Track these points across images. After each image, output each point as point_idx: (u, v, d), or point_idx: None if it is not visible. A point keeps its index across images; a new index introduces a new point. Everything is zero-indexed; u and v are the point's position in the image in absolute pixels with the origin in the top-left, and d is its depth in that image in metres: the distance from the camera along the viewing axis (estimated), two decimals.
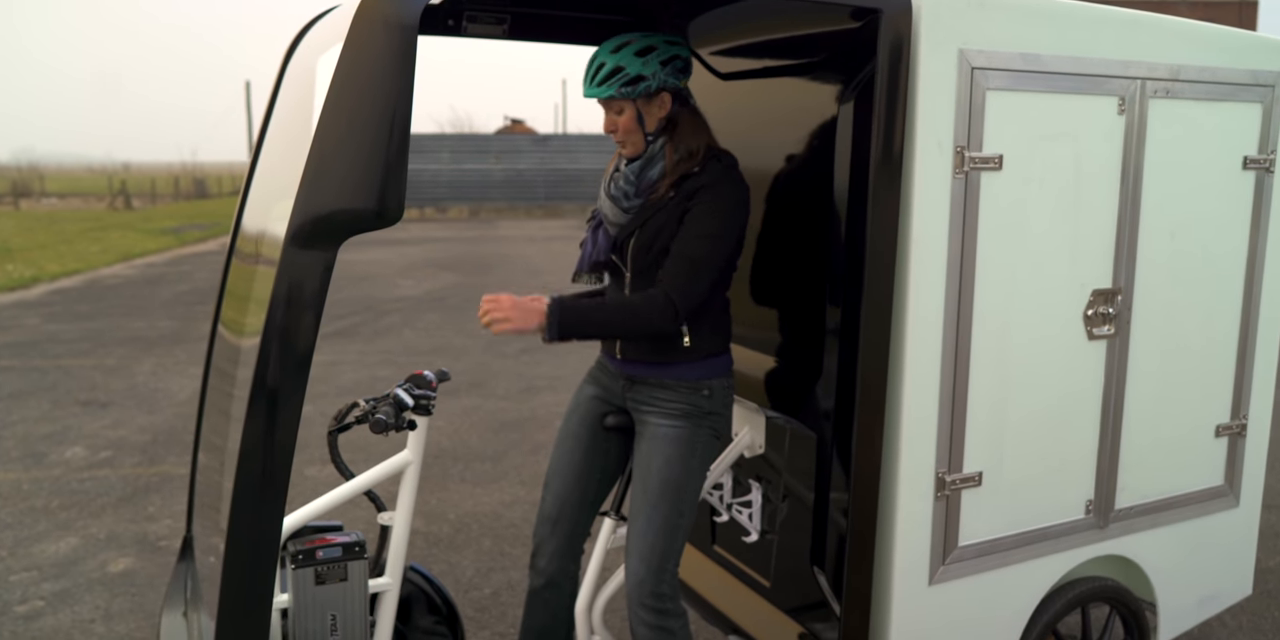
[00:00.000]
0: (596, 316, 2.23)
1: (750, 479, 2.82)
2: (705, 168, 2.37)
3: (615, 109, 2.36)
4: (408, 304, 11.05)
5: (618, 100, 2.35)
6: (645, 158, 2.40)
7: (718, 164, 2.38)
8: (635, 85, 2.31)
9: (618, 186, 2.43)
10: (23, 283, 12.85)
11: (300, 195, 1.75)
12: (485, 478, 5.18)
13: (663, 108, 2.38)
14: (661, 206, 2.37)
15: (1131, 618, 2.84)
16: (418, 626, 2.74)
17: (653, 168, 2.39)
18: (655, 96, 2.36)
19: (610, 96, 2.32)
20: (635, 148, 2.39)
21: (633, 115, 2.35)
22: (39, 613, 3.67)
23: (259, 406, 1.77)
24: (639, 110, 2.35)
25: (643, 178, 2.40)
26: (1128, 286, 2.56)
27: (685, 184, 2.36)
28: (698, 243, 2.28)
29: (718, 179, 2.35)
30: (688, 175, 2.37)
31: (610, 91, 2.31)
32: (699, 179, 2.35)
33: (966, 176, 2.24)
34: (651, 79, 2.31)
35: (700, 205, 2.31)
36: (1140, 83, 2.45)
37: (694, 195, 2.33)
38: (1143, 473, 2.74)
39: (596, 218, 2.52)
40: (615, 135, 2.40)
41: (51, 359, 8.15)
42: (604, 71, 2.31)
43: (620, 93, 2.31)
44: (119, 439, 5.88)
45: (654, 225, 2.37)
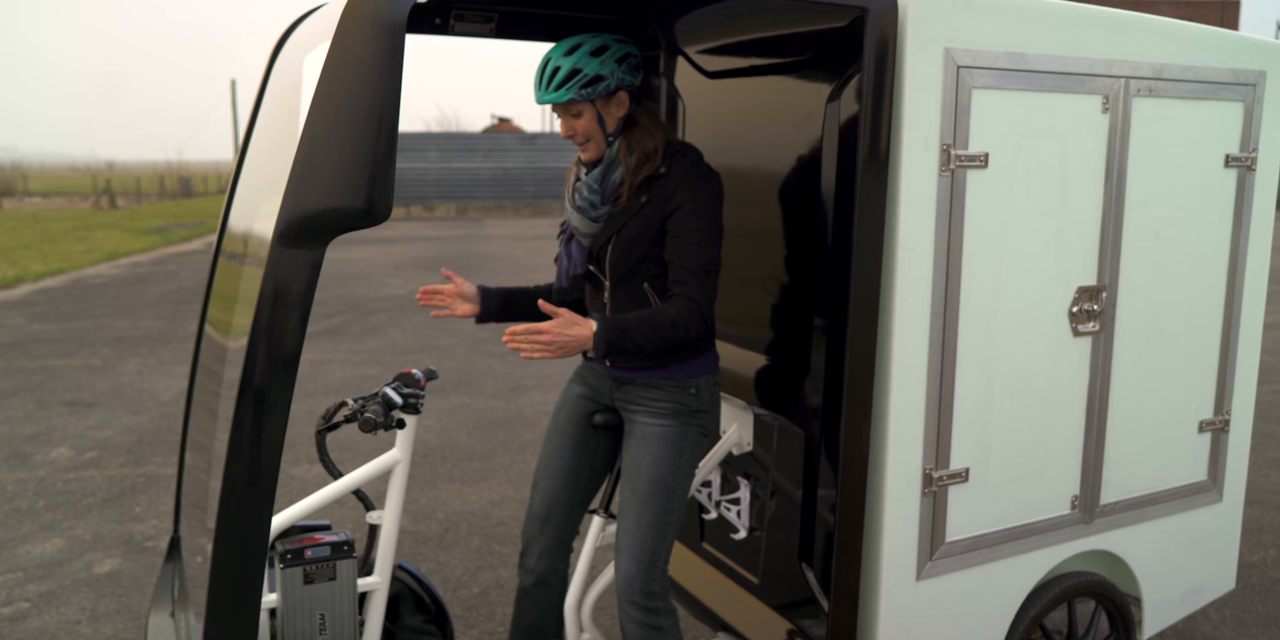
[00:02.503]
0: (641, 330, 2.19)
1: (739, 476, 2.83)
2: (671, 166, 2.35)
3: (574, 112, 2.33)
4: (395, 303, 11.02)
5: (576, 103, 2.32)
6: (606, 162, 2.37)
7: (683, 160, 2.36)
8: (595, 86, 2.29)
9: (582, 197, 2.40)
10: (6, 283, 12.77)
11: (288, 194, 1.74)
12: (473, 476, 5.17)
13: (621, 107, 2.36)
14: (635, 211, 2.35)
15: (1117, 612, 2.87)
16: (406, 625, 2.74)
17: (614, 172, 2.37)
18: (614, 96, 2.34)
19: (571, 99, 2.29)
20: (597, 149, 2.37)
21: (592, 116, 2.34)
22: (24, 614, 3.65)
23: (246, 406, 1.76)
24: (599, 111, 2.34)
25: (606, 183, 2.38)
26: (1112, 283, 2.58)
27: (654, 186, 2.34)
28: (697, 251, 2.28)
29: (688, 177, 2.33)
30: (654, 177, 2.35)
31: (570, 94, 2.28)
32: (669, 181, 2.33)
33: (953, 174, 2.25)
34: (610, 78, 2.30)
35: (683, 211, 2.29)
36: (1124, 81, 2.47)
37: (670, 199, 2.31)
38: (1127, 468, 2.77)
39: (567, 230, 2.51)
40: (575, 139, 2.37)
41: (36, 359, 8.11)
42: (560, 74, 2.28)
43: (580, 95, 2.28)
44: (104, 439, 5.85)
45: (630, 232, 2.35)
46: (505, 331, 2.08)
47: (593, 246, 2.42)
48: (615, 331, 2.16)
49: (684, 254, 2.28)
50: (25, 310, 10.70)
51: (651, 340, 2.21)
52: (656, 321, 2.21)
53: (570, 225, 2.47)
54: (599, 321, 2.16)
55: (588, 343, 2.13)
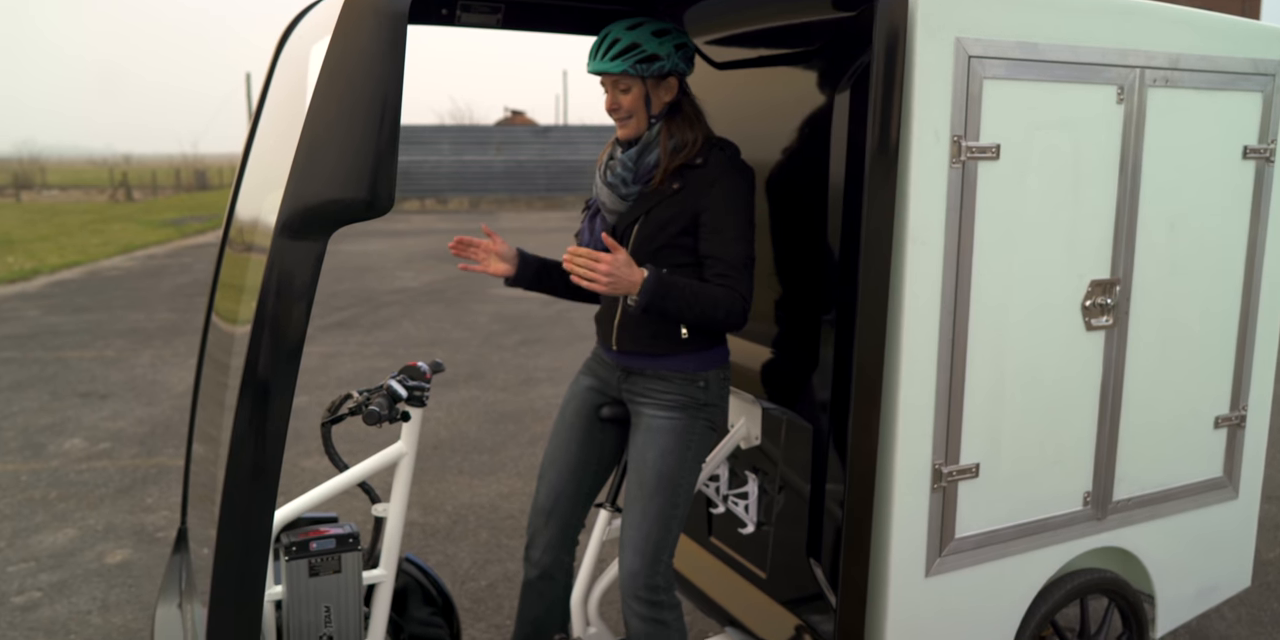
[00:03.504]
0: (686, 297, 2.21)
1: (747, 471, 2.81)
2: (708, 159, 2.34)
3: (623, 86, 2.33)
4: (407, 296, 11.03)
5: (628, 77, 2.31)
6: (643, 143, 2.37)
7: (721, 154, 2.36)
8: (650, 64, 2.29)
9: (615, 173, 2.40)
10: (23, 275, 12.84)
11: (290, 185, 1.73)
12: (483, 469, 5.17)
13: (669, 92, 2.36)
14: (665, 196, 2.34)
15: (1129, 610, 2.84)
16: (414, 618, 2.73)
17: (650, 153, 2.37)
18: (664, 79, 2.34)
19: (624, 71, 2.29)
20: (637, 128, 2.36)
21: (640, 95, 2.33)
22: (36, 604, 3.67)
23: (249, 397, 1.75)
24: (647, 91, 2.33)
25: (640, 163, 2.37)
26: (1126, 277, 2.55)
27: (689, 176, 2.34)
28: (736, 245, 2.29)
29: (726, 172, 2.33)
30: (690, 166, 2.34)
31: (624, 66, 2.28)
32: (706, 173, 2.33)
33: (963, 166, 2.22)
34: (665, 60, 2.30)
35: (721, 206, 2.30)
36: (1139, 71, 2.43)
37: (707, 192, 2.31)
38: (1141, 464, 2.73)
39: (594, 206, 2.50)
40: (618, 114, 2.36)
41: (51, 351, 8.15)
42: (619, 46, 2.28)
43: (635, 69, 2.28)
44: (117, 431, 5.88)
45: (659, 217, 2.34)
46: (567, 250, 2.14)
47: (618, 225, 2.42)
48: (662, 287, 2.18)
49: (723, 249, 2.29)
50: (41, 302, 10.76)
51: (692, 309, 2.23)
52: (702, 294, 2.23)
53: (597, 200, 2.46)
54: (650, 272, 2.18)
55: (635, 289, 2.17)
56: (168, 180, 37.00)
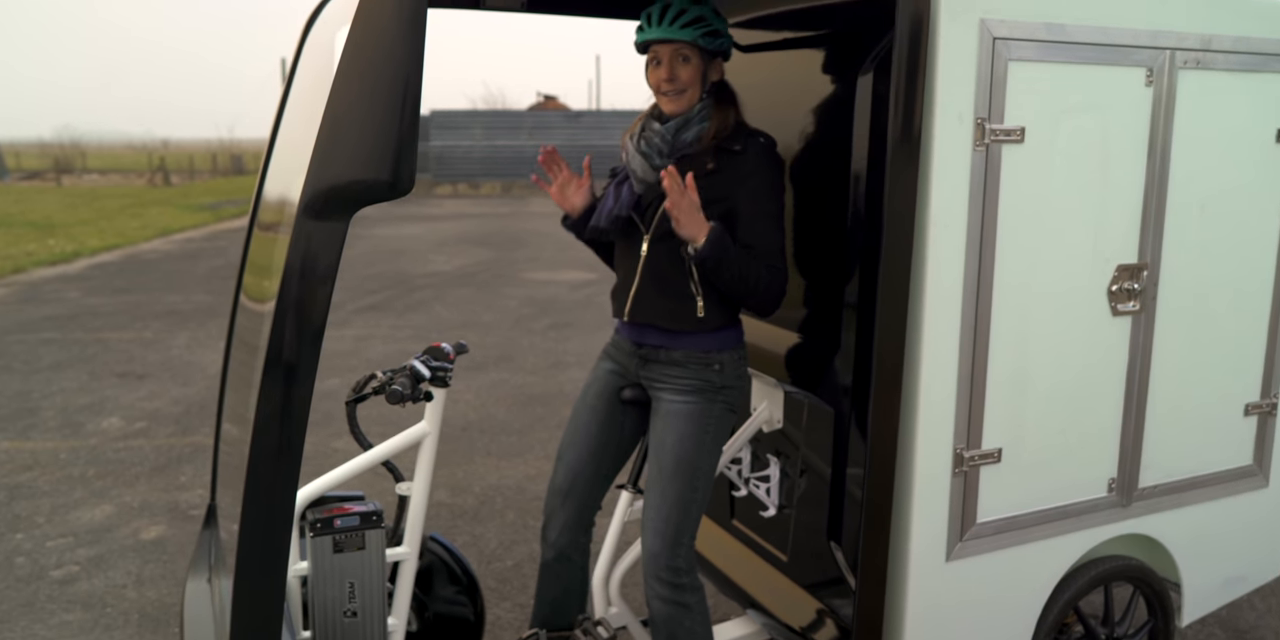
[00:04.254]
0: (739, 261, 2.24)
1: (769, 454, 2.82)
2: (746, 147, 2.34)
3: (682, 56, 2.31)
4: (439, 279, 11.11)
5: (688, 47, 2.30)
6: (683, 118, 2.36)
7: (758, 143, 2.36)
8: (714, 38, 2.29)
9: (650, 143, 2.38)
10: (64, 257, 13.06)
11: (312, 166, 1.75)
12: (510, 451, 5.22)
13: (717, 72, 2.36)
14: (699, 176, 2.30)
15: (1155, 598, 2.82)
16: (439, 596, 2.77)
17: (689, 130, 2.36)
18: (715, 58, 2.34)
19: (688, 41, 2.27)
20: (686, 104, 2.35)
21: (698, 69, 2.32)
22: (74, 577, 3.76)
23: (273, 376, 1.78)
24: (704, 66, 2.33)
25: (678, 138, 2.36)
26: (1154, 262, 2.52)
27: (726, 160, 2.33)
28: (774, 234, 2.32)
29: (763, 164, 2.34)
30: (728, 151, 2.34)
31: (694, 35, 2.27)
32: (745, 161, 2.32)
33: (987, 149, 2.20)
34: (724, 37, 2.30)
35: (759, 195, 2.31)
36: (1169, 53, 2.39)
37: (745, 180, 2.31)
38: (1168, 451, 2.71)
39: (621, 173, 2.49)
40: (673, 85, 2.32)
41: (91, 332, 8.29)
42: (687, 16, 2.26)
43: (701, 41, 2.28)
44: (154, 410, 5.98)
45: None
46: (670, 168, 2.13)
47: (646, 195, 2.41)
48: (725, 240, 2.22)
49: (762, 238, 2.31)
50: (82, 284, 10.95)
51: (742, 277, 2.25)
52: (753, 265, 2.27)
53: (628, 167, 2.45)
54: (714, 226, 2.21)
55: (698, 234, 2.19)
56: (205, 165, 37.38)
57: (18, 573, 3.80)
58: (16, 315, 9.02)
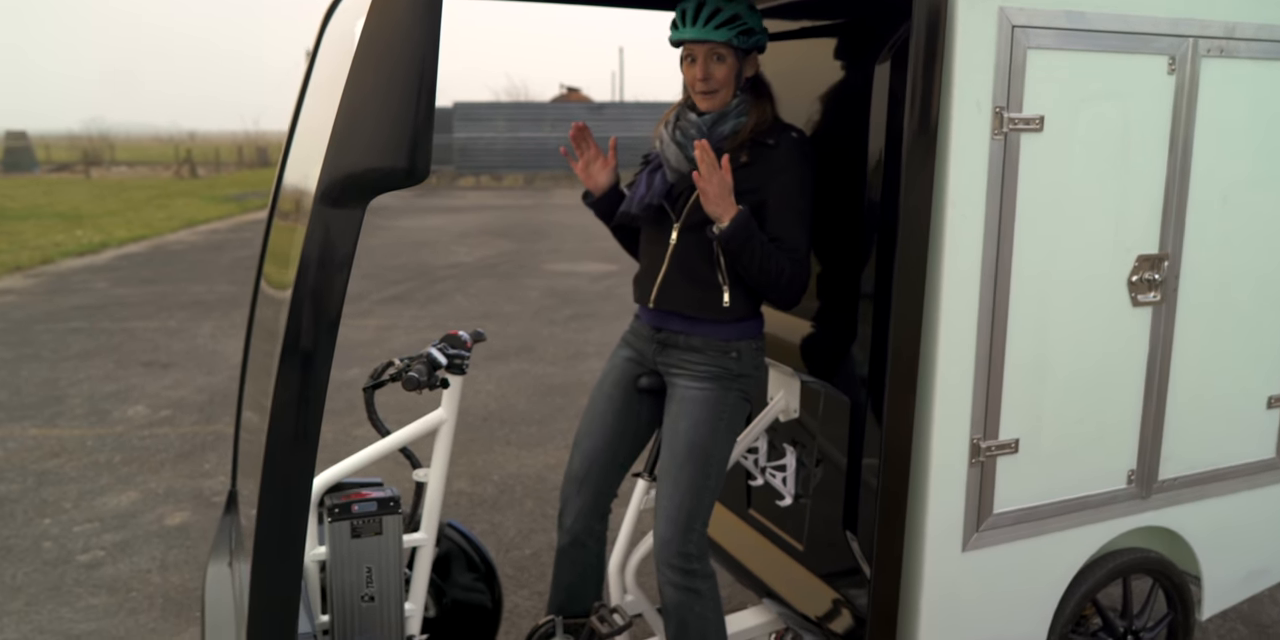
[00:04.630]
0: (762, 248, 2.26)
1: (785, 443, 2.82)
2: (780, 141, 2.34)
3: (716, 56, 2.31)
4: (461, 270, 11.16)
5: (723, 47, 2.30)
6: (722, 111, 2.36)
7: (791, 138, 2.36)
8: (749, 36, 2.29)
9: (685, 133, 2.39)
10: (92, 248, 13.21)
11: (328, 154, 1.76)
12: (530, 441, 5.24)
13: (753, 68, 2.37)
14: (732, 169, 2.30)
15: (1174, 591, 2.80)
16: (457, 583, 2.80)
17: (725, 123, 2.36)
18: (750, 54, 2.34)
19: (724, 41, 2.27)
20: (720, 102, 2.35)
21: (733, 67, 2.32)
22: (99, 562, 3.82)
23: (290, 361, 1.80)
24: (739, 64, 2.33)
25: (715, 131, 2.37)
26: (1175, 252, 2.49)
27: (759, 154, 2.33)
28: (801, 230, 2.34)
29: (796, 159, 2.34)
30: (762, 144, 2.34)
31: (729, 36, 2.27)
32: (778, 155, 2.33)
33: (1006, 138, 2.19)
34: (760, 35, 2.30)
35: (792, 190, 2.32)
36: (1192, 41, 2.37)
37: (778, 175, 2.32)
38: (1189, 443, 2.69)
39: (655, 160, 2.49)
40: (706, 84, 2.33)
41: (118, 321, 8.39)
42: (722, 15, 2.26)
43: (737, 40, 2.28)
44: (179, 399, 6.05)
45: None
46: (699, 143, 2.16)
47: (678, 184, 2.42)
48: (751, 224, 2.23)
49: (790, 231, 2.32)
50: (109, 274, 11.07)
51: (762, 264, 2.27)
52: (776, 255, 2.28)
53: (661, 156, 2.45)
54: (742, 209, 2.22)
55: (725, 215, 2.21)
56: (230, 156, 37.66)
57: (45, 557, 3.86)
58: (45, 305, 9.14)
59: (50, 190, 24.01)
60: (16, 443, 5.22)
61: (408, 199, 21.40)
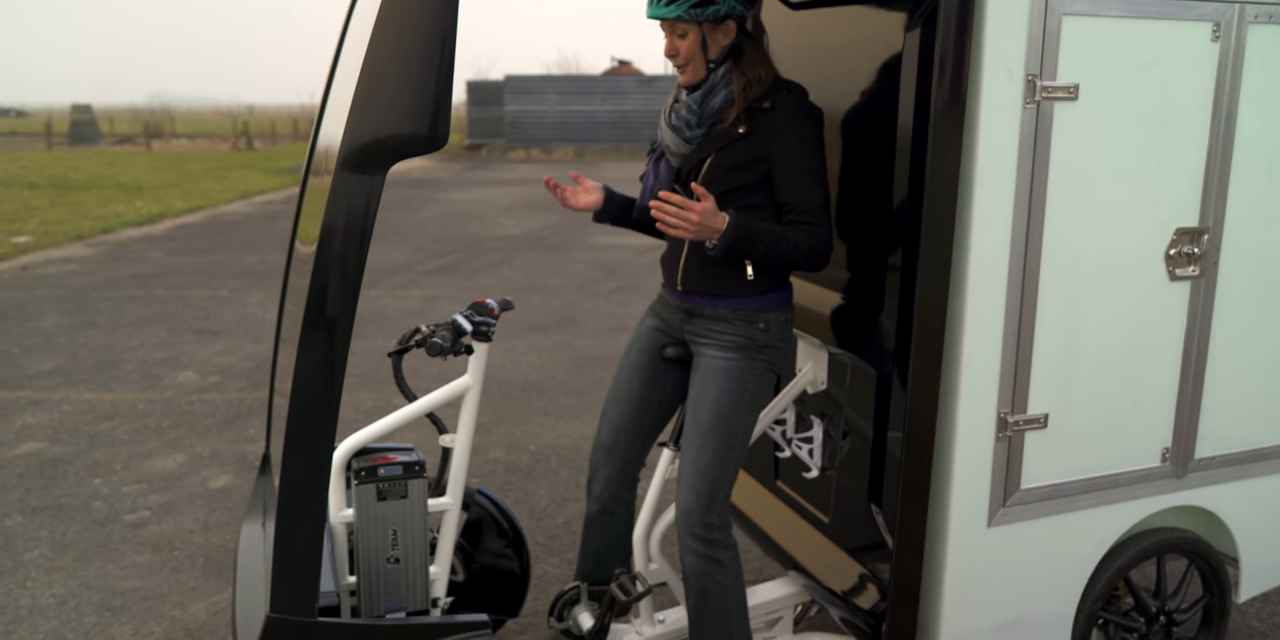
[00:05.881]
0: (766, 242, 2.26)
1: (812, 415, 2.81)
2: (776, 103, 2.32)
3: (679, 32, 2.32)
4: (508, 243, 11.21)
5: (683, 22, 2.30)
6: (707, 86, 2.36)
7: (789, 97, 2.34)
8: (704, 8, 2.27)
9: (679, 116, 2.40)
10: (150, 218, 13.49)
11: (350, 121, 1.79)
12: (568, 411, 5.28)
13: (727, 35, 2.33)
14: (732, 140, 2.33)
15: (1210, 572, 2.75)
16: (486, 549, 2.84)
17: (715, 97, 2.36)
18: (721, 23, 2.31)
19: (678, 17, 2.28)
20: (695, 74, 2.36)
21: (697, 40, 2.32)
22: (145, 522, 3.93)
23: (312, 324, 1.84)
24: (704, 35, 2.31)
25: (705, 107, 2.36)
26: (1216, 225, 2.43)
27: (758, 119, 2.32)
28: (812, 189, 2.31)
29: (796, 117, 2.31)
30: (758, 109, 2.32)
31: (679, 11, 2.27)
32: (776, 117, 2.30)
33: (1038, 107, 2.14)
34: (720, 4, 2.27)
35: (793, 150, 2.30)
36: (1239, 7, 2.28)
37: (778, 137, 2.30)
38: (1227, 421, 2.63)
39: (658, 149, 2.50)
40: (675, 60, 2.36)
41: (172, 289, 8.58)
42: None
43: (689, 14, 2.27)
44: (227, 365, 6.18)
45: (727, 161, 2.33)
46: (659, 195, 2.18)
47: (682, 167, 2.42)
48: (743, 231, 2.22)
49: (800, 193, 2.30)
50: (165, 244, 11.31)
51: (773, 254, 2.27)
52: (783, 239, 2.27)
53: (662, 143, 2.47)
54: (731, 218, 2.22)
55: (715, 236, 2.21)
56: (286, 129, 38.14)
57: (94, 515, 3.98)
58: (104, 273, 9.37)
59: (113, 162, 24.53)
60: (72, 405, 5.38)
61: (459, 172, 21.52)
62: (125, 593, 3.38)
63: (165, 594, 3.37)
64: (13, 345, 6.67)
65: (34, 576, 3.49)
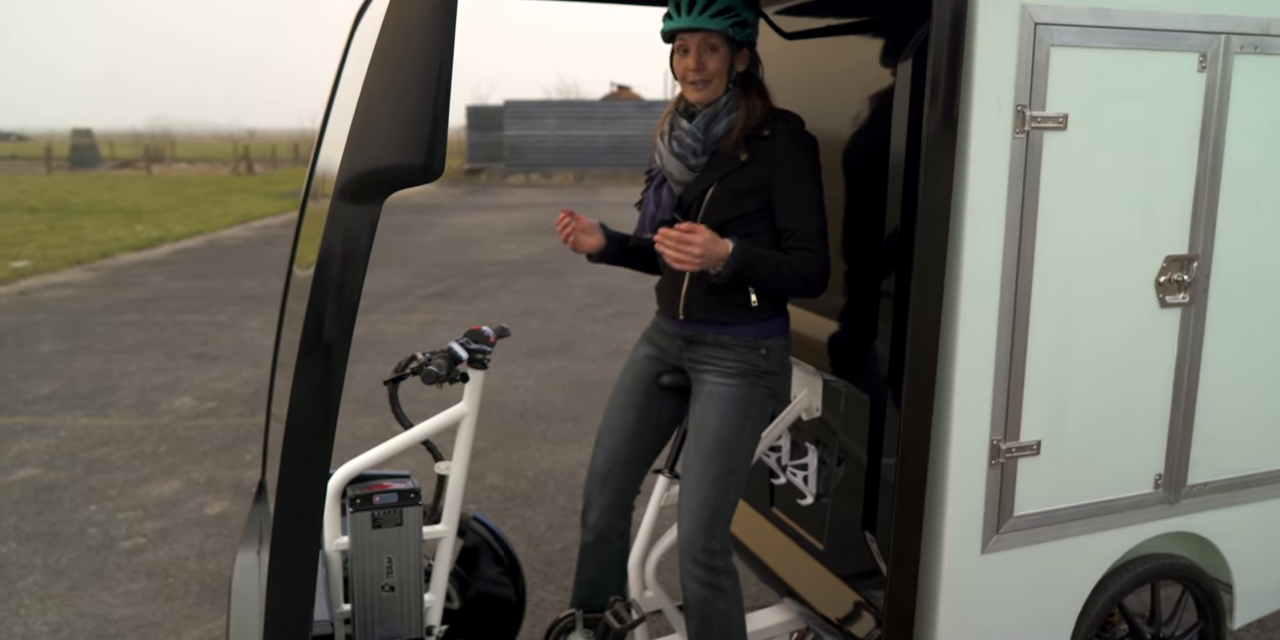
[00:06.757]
0: (768, 267, 2.28)
1: (808, 442, 2.82)
2: (775, 131, 2.34)
3: (710, 46, 2.31)
4: (507, 267, 11.25)
5: (716, 37, 2.30)
6: (710, 112, 2.36)
7: (787, 126, 2.36)
8: (743, 28, 2.29)
9: (683, 144, 2.40)
10: (150, 242, 13.53)
11: (346, 151, 1.80)
12: (566, 437, 5.28)
13: (743, 62, 2.36)
14: (733, 168, 2.34)
15: (1205, 598, 2.75)
16: (483, 576, 2.84)
17: (718, 123, 2.37)
18: (742, 48, 2.34)
19: (718, 30, 2.27)
20: (713, 93, 2.35)
21: (726, 58, 2.32)
22: (141, 549, 3.92)
23: (308, 354, 1.85)
24: (732, 57, 2.33)
25: (709, 133, 2.37)
26: (1205, 253, 2.45)
27: (758, 147, 2.34)
28: (811, 217, 2.33)
29: (795, 145, 2.34)
30: (757, 137, 2.35)
31: (724, 25, 2.26)
32: (776, 146, 2.33)
33: (1028, 136, 2.17)
34: (752, 28, 2.30)
35: (793, 178, 2.32)
36: (1224, 38, 2.32)
37: (778, 165, 2.32)
38: (1219, 448, 2.64)
39: (657, 176, 2.51)
40: (699, 74, 2.32)
41: (170, 314, 8.59)
42: (717, 4, 2.26)
43: (733, 31, 2.28)
44: (224, 391, 6.19)
45: (729, 190, 2.35)
46: (660, 233, 2.18)
47: (685, 195, 2.43)
48: (748, 257, 2.24)
49: (800, 221, 2.32)
50: (164, 268, 11.34)
51: (774, 280, 2.29)
52: (785, 265, 2.29)
53: (663, 170, 2.46)
54: (735, 245, 2.23)
55: (721, 262, 2.22)
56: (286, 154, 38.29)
57: (89, 542, 3.97)
58: (102, 298, 9.39)
59: (113, 186, 24.62)
60: (68, 431, 5.38)
61: (459, 196, 21.60)
62: (119, 621, 3.37)
63: (160, 622, 3.36)
64: (10, 370, 6.68)
65: (28, 604, 3.47)
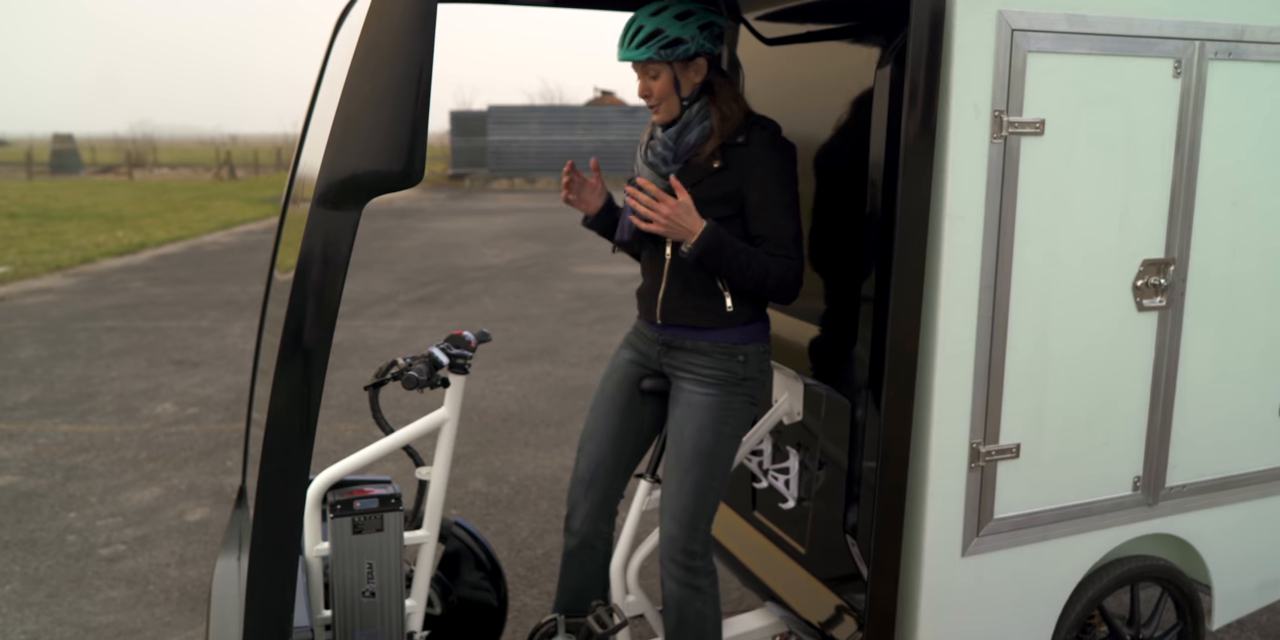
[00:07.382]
0: (739, 258, 2.28)
1: (789, 446, 2.82)
2: (750, 137, 2.36)
3: (651, 73, 2.36)
4: (490, 272, 11.23)
5: (654, 63, 2.34)
6: (681, 122, 2.39)
7: (763, 132, 2.37)
8: (674, 48, 2.31)
9: (655, 153, 2.43)
10: (131, 248, 13.45)
11: (326, 157, 1.80)
12: (549, 442, 5.27)
13: (699, 73, 2.37)
14: (707, 175, 2.36)
15: (1184, 600, 2.77)
16: (464, 581, 2.83)
17: (690, 132, 2.39)
18: (692, 61, 2.35)
19: (649, 59, 2.32)
20: (669, 113, 2.39)
21: (669, 79, 2.35)
22: (120, 556, 3.89)
23: (287, 359, 1.84)
24: (675, 75, 2.35)
25: (681, 142, 2.40)
26: (1182, 257, 2.47)
27: (732, 154, 2.35)
28: (786, 223, 2.34)
29: (769, 151, 2.35)
30: (732, 145, 2.36)
31: (649, 53, 2.31)
32: (750, 152, 2.34)
33: (1005, 141, 2.18)
34: (690, 42, 2.31)
35: (767, 184, 2.33)
36: (1199, 44, 2.35)
37: (751, 171, 2.33)
38: (1197, 450, 2.66)
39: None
40: (649, 100, 2.40)
41: (151, 320, 8.54)
42: (643, 33, 2.30)
43: (659, 55, 2.31)
44: (206, 397, 6.15)
45: (702, 195, 2.35)
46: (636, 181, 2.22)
47: None
48: (718, 239, 2.25)
49: (773, 227, 2.33)
50: (145, 274, 11.27)
51: (742, 272, 2.29)
52: (755, 259, 2.29)
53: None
54: (707, 225, 2.24)
55: (692, 237, 2.23)
56: (269, 159, 38.17)
57: (68, 550, 3.94)
58: (83, 304, 9.32)
59: (94, 191, 24.47)
60: (48, 438, 5.34)
61: (442, 201, 21.57)
62: (98, 628, 3.34)
63: (139, 629, 3.34)
64: None
65: (5, 612, 3.44)
